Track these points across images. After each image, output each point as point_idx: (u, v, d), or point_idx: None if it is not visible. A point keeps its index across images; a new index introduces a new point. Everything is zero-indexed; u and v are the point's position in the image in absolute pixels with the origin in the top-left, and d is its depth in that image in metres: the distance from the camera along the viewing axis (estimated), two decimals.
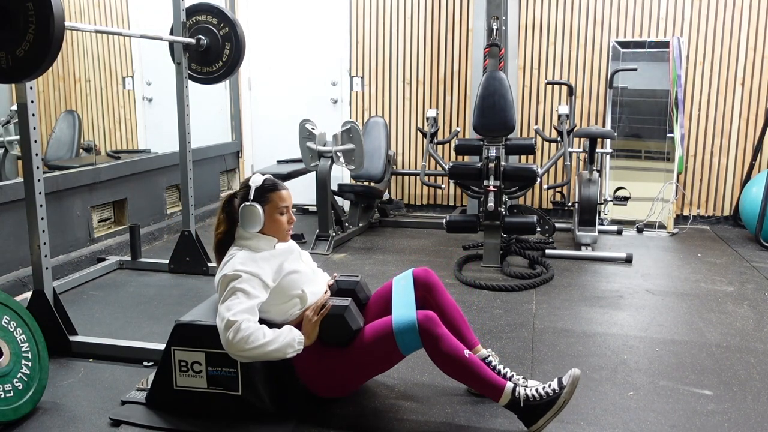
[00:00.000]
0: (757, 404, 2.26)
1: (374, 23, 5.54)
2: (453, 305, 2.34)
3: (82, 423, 2.14)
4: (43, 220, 2.61)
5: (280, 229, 2.22)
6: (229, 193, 2.30)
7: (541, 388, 2.05)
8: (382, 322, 2.11)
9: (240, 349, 1.95)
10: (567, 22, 5.19)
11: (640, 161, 5.23)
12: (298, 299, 2.16)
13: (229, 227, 2.26)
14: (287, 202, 2.23)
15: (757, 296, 3.43)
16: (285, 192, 2.24)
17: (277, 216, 2.20)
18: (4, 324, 2.18)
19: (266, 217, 2.18)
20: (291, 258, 2.22)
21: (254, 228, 2.17)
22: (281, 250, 2.23)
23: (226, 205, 2.27)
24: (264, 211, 2.17)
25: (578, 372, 2.05)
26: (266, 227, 2.19)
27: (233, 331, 1.95)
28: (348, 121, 4.34)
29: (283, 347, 2.00)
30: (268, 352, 1.98)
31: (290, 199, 2.25)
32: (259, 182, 2.21)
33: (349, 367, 2.13)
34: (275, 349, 1.99)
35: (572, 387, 2.03)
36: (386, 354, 2.10)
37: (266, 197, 2.19)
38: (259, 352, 1.97)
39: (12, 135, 3.99)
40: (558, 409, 2.01)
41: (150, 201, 4.71)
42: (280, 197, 2.21)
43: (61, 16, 2.01)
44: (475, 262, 4.11)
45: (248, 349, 1.96)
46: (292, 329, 2.06)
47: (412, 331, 2.02)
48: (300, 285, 2.16)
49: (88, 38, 4.83)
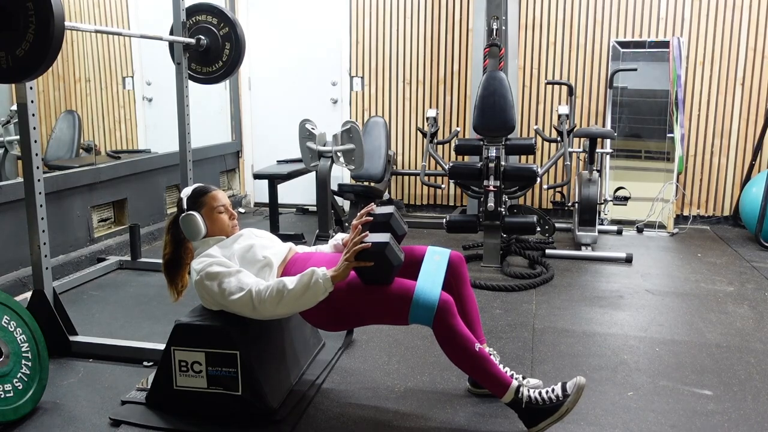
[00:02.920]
0: (757, 404, 2.26)
1: (374, 23, 5.54)
2: (472, 299, 2.33)
3: (82, 423, 2.14)
4: (43, 220, 2.61)
5: (223, 227, 2.28)
6: (172, 215, 2.36)
7: (545, 393, 2.03)
8: (404, 283, 2.08)
9: (274, 307, 1.99)
10: (567, 22, 5.19)
11: (640, 161, 5.23)
12: (266, 267, 2.17)
13: (175, 247, 2.33)
14: (222, 200, 2.30)
15: (757, 296, 3.43)
16: (218, 192, 2.32)
17: (216, 215, 2.27)
18: (4, 324, 2.18)
19: (206, 220, 2.25)
20: (241, 239, 2.26)
21: (198, 235, 2.24)
22: (230, 239, 2.27)
23: (170, 226, 2.35)
24: (201, 215, 2.24)
25: (583, 381, 2.03)
26: (210, 230, 2.26)
27: (256, 298, 2.00)
28: (348, 121, 4.33)
29: (313, 287, 1.97)
30: (301, 298, 1.98)
31: (225, 198, 2.32)
32: (188, 192, 2.31)
33: (354, 308, 2.10)
34: (305, 292, 1.97)
35: (576, 396, 2.01)
36: (392, 312, 2.07)
37: (199, 202, 2.27)
38: (294, 300, 1.98)
39: (12, 135, 3.98)
40: (560, 417, 2.00)
41: (150, 201, 4.71)
42: (212, 198, 2.29)
43: (61, 16, 2.01)
44: (475, 262, 4.11)
45: (282, 303, 1.98)
46: (314, 268, 2.03)
47: (430, 309, 2.00)
48: (260, 253, 2.19)
49: (88, 38, 4.83)
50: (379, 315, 2.11)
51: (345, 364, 2.55)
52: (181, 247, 2.34)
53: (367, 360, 2.60)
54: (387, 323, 2.17)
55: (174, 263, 2.34)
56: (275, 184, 4.77)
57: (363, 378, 2.45)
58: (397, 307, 2.04)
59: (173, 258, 2.33)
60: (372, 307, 2.09)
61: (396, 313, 2.05)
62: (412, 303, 2.01)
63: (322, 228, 4.43)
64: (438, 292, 2.03)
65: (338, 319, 2.15)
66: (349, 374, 2.48)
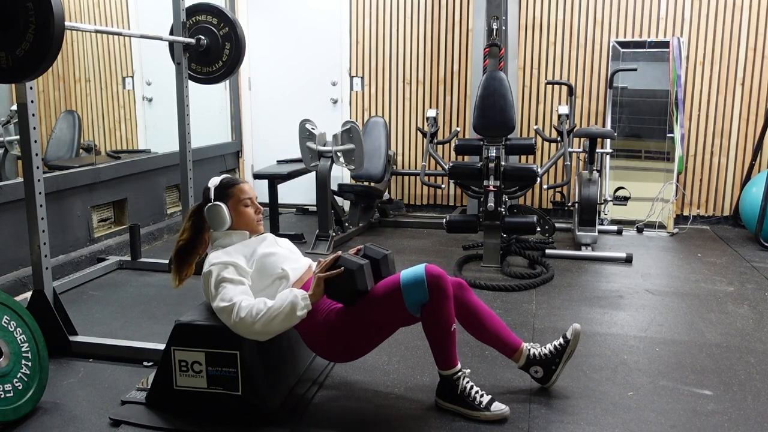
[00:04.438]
0: (757, 404, 2.26)
1: (374, 23, 5.54)
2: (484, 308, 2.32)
3: (82, 423, 2.14)
4: (43, 220, 2.61)
5: (249, 221, 2.27)
6: (196, 203, 2.34)
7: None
8: (389, 280, 2.11)
9: (249, 325, 1.98)
10: (567, 22, 5.19)
11: (640, 161, 5.23)
12: (283, 279, 2.17)
13: (193, 236, 2.31)
14: (249, 193, 2.29)
15: (757, 296, 3.43)
16: (245, 185, 2.30)
17: (242, 208, 2.26)
18: (4, 324, 2.18)
19: (231, 212, 2.24)
20: (264, 244, 2.24)
21: (223, 226, 2.22)
22: (253, 240, 2.26)
23: (192, 214, 2.33)
24: (227, 207, 2.23)
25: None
26: (234, 222, 2.25)
27: (235, 313, 1.99)
28: (348, 121, 4.34)
29: (290, 307, 1.99)
30: (277, 317, 1.99)
31: (252, 191, 2.31)
32: (216, 182, 2.29)
33: (357, 328, 2.12)
34: (282, 310, 1.99)
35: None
36: (393, 311, 2.09)
37: (227, 193, 2.26)
38: (268, 321, 1.98)
39: (12, 135, 3.98)
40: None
41: (150, 201, 4.71)
42: (240, 190, 2.27)
43: (61, 16, 2.01)
44: (475, 262, 4.11)
45: (258, 322, 1.98)
46: (292, 289, 2.06)
47: (420, 282, 2.04)
48: (278, 264, 2.18)
49: (88, 38, 4.83)
50: (385, 321, 2.13)
51: (345, 365, 2.55)
52: (198, 236, 2.31)
53: (367, 360, 2.59)
54: (396, 326, 2.19)
55: (186, 250, 2.30)
56: (275, 184, 4.78)
57: (363, 378, 2.45)
58: (393, 302, 2.07)
59: (187, 245, 2.30)
60: (374, 318, 2.11)
61: (396, 309, 2.08)
62: (402, 289, 2.05)
63: (322, 228, 4.44)
64: (422, 268, 2.08)
65: (351, 343, 2.17)
66: (349, 374, 2.48)
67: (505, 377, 2.43)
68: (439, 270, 2.09)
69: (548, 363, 2.29)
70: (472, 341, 2.40)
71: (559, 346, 2.30)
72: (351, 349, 2.20)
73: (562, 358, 2.29)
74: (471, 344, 2.63)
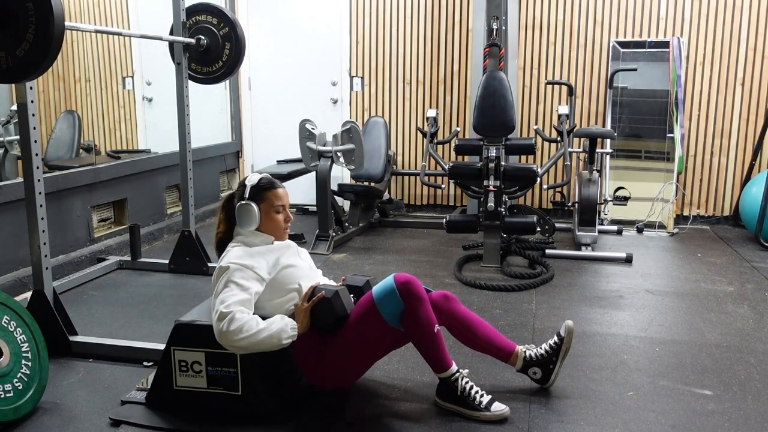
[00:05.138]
0: (757, 404, 2.26)
1: (374, 23, 5.54)
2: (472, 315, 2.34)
3: (82, 423, 2.14)
4: (43, 220, 2.61)
5: (277, 227, 2.24)
6: (229, 193, 2.31)
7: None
8: (364, 299, 2.14)
9: (233, 339, 1.96)
10: (567, 22, 5.19)
11: (640, 161, 5.23)
12: (296, 293, 2.16)
13: (229, 227, 2.29)
14: (283, 200, 2.25)
15: (757, 296, 3.43)
16: (281, 190, 2.26)
17: (274, 214, 2.22)
18: (4, 324, 2.18)
19: (262, 215, 2.20)
20: (288, 253, 2.23)
21: (250, 226, 2.19)
22: (278, 246, 2.24)
23: (225, 204, 2.30)
24: (260, 209, 2.19)
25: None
26: (263, 225, 2.21)
27: (227, 322, 1.96)
28: (348, 121, 4.34)
29: (276, 334, 2.00)
30: (261, 340, 1.98)
31: (287, 197, 2.27)
32: (254, 181, 2.23)
33: (345, 353, 2.13)
34: (269, 335, 1.98)
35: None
36: (375, 330, 2.10)
37: (262, 195, 2.21)
38: (253, 341, 1.97)
39: (12, 135, 3.98)
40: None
41: (150, 201, 4.71)
42: (276, 195, 2.23)
43: (61, 16, 2.01)
44: (475, 262, 4.11)
45: (241, 338, 1.96)
46: (284, 317, 2.07)
47: (391, 292, 2.06)
48: (297, 279, 2.17)
49: (88, 38, 4.83)
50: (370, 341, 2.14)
51: None
52: (234, 228, 2.28)
53: None
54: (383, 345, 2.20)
55: (225, 242, 2.28)
56: None
57: (363, 378, 2.44)
58: (372, 319, 2.09)
59: (225, 238, 2.29)
60: (359, 340, 2.12)
61: (376, 326, 2.09)
62: (377, 303, 2.08)
63: (322, 228, 4.44)
64: (390, 277, 2.10)
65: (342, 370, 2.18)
66: None
67: (505, 377, 2.43)
68: (407, 276, 2.10)
69: (545, 363, 2.30)
70: None
71: (554, 344, 2.31)
72: (342, 375, 2.21)
73: (558, 357, 2.30)
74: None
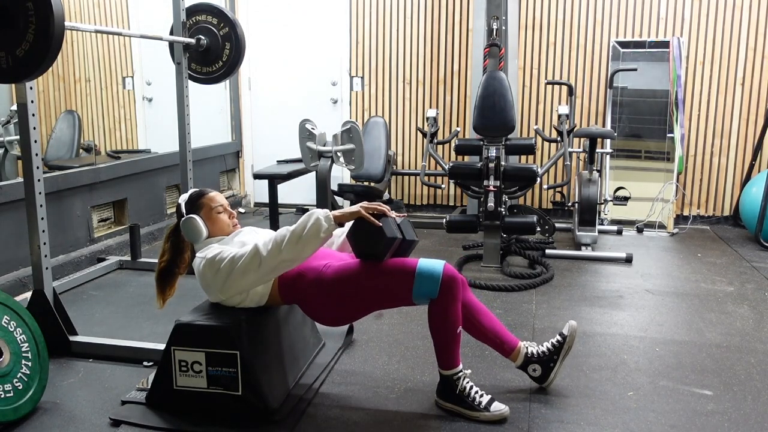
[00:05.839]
0: (757, 404, 2.26)
1: (374, 23, 5.54)
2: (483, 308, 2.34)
3: (82, 423, 2.14)
4: (43, 220, 2.61)
5: (223, 227, 2.31)
6: (173, 224, 2.39)
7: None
8: (406, 261, 2.11)
9: (277, 254, 2.01)
10: (567, 22, 5.19)
11: (640, 161, 5.23)
12: None
13: (173, 256, 2.37)
14: (219, 201, 2.33)
15: (757, 296, 3.43)
16: (215, 194, 2.36)
17: (215, 216, 2.30)
18: (4, 324, 2.18)
19: (206, 221, 2.28)
20: (241, 234, 2.30)
21: (200, 237, 2.27)
22: (230, 235, 2.31)
23: (170, 234, 2.38)
24: (201, 217, 2.27)
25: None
26: (211, 231, 2.29)
27: (258, 254, 2.03)
28: (348, 121, 4.33)
29: (313, 224, 2.00)
30: (302, 236, 2.00)
31: (222, 198, 2.36)
32: (186, 197, 2.35)
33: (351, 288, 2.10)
34: (307, 229, 2.00)
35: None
36: (395, 290, 2.09)
37: (197, 204, 2.31)
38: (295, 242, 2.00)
39: (12, 135, 3.98)
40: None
41: (150, 201, 4.71)
42: (210, 199, 2.32)
43: (61, 16, 2.01)
44: (475, 262, 4.11)
45: (285, 247, 2.00)
46: (312, 209, 2.09)
47: (435, 280, 2.05)
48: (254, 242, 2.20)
49: (88, 38, 4.83)
50: (383, 294, 2.12)
51: (345, 364, 2.55)
52: (179, 257, 2.38)
53: (367, 360, 2.60)
54: (391, 304, 2.18)
55: (168, 271, 2.37)
56: (275, 184, 4.77)
57: (363, 378, 2.45)
58: (401, 283, 2.07)
59: (169, 266, 2.37)
60: (376, 287, 2.10)
61: (400, 290, 2.07)
62: (415, 275, 2.06)
63: None
64: (441, 265, 2.09)
65: (342, 309, 2.16)
66: (349, 374, 2.48)
67: (505, 377, 2.43)
68: (455, 272, 2.12)
69: (546, 360, 2.30)
70: (472, 341, 2.40)
71: (556, 342, 2.32)
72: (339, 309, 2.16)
73: (559, 355, 2.31)
74: (471, 344, 2.63)
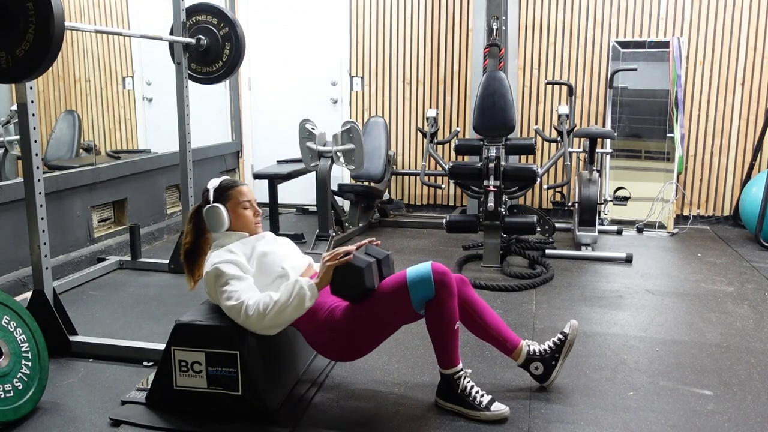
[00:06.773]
0: (757, 404, 2.26)
1: (374, 23, 5.54)
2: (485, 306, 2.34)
3: (82, 423, 2.14)
4: (43, 220, 2.61)
5: (247, 223, 2.29)
6: (196, 205, 2.36)
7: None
8: (396, 277, 2.13)
9: (260, 320, 2.01)
10: (567, 22, 5.19)
11: (640, 161, 5.23)
12: (283, 278, 2.18)
13: (196, 237, 2.35)
14: (248, 196, 2.31)
15: (757, 296, 3.43)
16: (244, 187, 2.32)
17: (241, 211, 2.28)
18: (4, 324, 2.18)
19: (230, 213, 2.26)
20: (263, 241, 2.27)
21: (221, 227, 2.24)
22: (252, 238, 2.29)
23: (193, 215, 2.36)
24: (227, 209, 2.25)
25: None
26: (233, 224, 2.27)
27: (244, 312, 2.02)
28: (348, 121, 4.34)
29: (297, 296, 2.00)
30: (286, 309, 2.00)
31: (251, 193, 2.33)
32: (216, 184, 2.31)
33: (359, 326, 2.12)
34: (291, 301, 2.00)
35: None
36: (398, 309, 2.10)
37: (226, 195, 2.28)
38: (278, 313, 2.00)
39: (12, 135, 3.98)
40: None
41: (150, 201, 4.71)
42: (239, 192, 2.29)
43: (61, 16, 2.01)
44: (475, 262, 4.11)
45: (268, 316, 2.00)
46: (298, 279, 2.07)
47: (426, 279, 2.05)
48: (278, 263, 2.21)
49: (88, 38, 4.83)
50: (389, 319, 2.14)
51: (345, 365, 2.55)
52: (201, 237, 2.35)
53: (367, 360, 2.59)
54: (400, 323, 2.19)
55: (193, 253, 2.35)
56: (275, 184, 4.78)
57: (363, 378, 2.45)
58: (399, 298, 2.07)
59: (193, 248, 2.34)
60: (379, 316, 2.11)
61: (401, 307, 2.09)
62: (408, 285, 2.07)
63: (322, 228, 4.43)
64: (428, 265, 2.09)
65: (354, 342, 2.17)
66: (349, 374, 2.48)
67: (505, 377, 2.43)
68: (444, 267, 2.11)
69: (548, 359, 2.31)
70: (472, 341, 2.40)
71: (558, 341, 2.33)
72: (353, 348, 2.20)
73: (561, 354, 2.31)
74: (471, 344, 2.63)
